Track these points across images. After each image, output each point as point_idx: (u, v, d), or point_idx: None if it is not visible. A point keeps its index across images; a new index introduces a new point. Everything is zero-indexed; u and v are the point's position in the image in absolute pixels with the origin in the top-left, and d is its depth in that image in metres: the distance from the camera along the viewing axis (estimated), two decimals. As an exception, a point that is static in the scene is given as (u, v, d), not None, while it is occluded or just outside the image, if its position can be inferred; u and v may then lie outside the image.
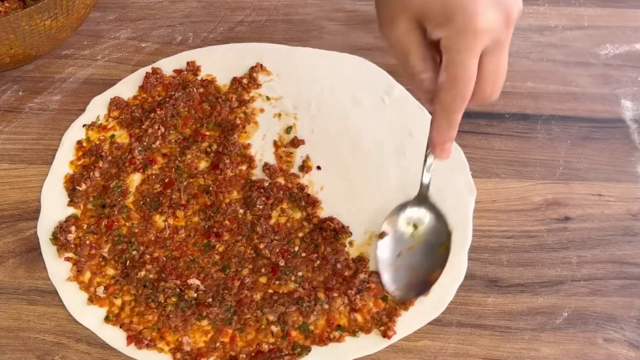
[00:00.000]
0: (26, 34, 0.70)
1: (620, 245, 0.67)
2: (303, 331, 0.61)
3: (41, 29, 0.71)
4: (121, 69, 0.80)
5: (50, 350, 0.61)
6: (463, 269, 0.65)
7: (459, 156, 0.73)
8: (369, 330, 0.62)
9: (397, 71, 0.79)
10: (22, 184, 0.71)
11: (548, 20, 0.87)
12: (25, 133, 0.75)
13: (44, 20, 0.69)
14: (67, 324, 0.62)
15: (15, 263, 0.66)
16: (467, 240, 0.67)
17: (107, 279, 0.64)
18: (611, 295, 0.64)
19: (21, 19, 0.67)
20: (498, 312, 0.63)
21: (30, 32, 0.70)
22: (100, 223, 0.67)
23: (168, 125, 0.74)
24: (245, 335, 0.61)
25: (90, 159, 0.72)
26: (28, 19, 0.68)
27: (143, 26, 0.85)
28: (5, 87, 0.79)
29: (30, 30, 0.70)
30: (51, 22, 0.71)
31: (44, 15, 0.69)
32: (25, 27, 0.68)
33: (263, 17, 0.86)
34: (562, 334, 0.62)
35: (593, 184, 0.72)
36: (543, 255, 0.67)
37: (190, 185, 0.70)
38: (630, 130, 0.76)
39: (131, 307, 0.62)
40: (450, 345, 0.61)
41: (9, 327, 0.62)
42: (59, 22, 0.72)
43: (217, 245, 0.66)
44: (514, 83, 0.79)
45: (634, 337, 0.62)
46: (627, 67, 0.82)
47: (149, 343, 0.60)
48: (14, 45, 0.70)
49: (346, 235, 0.67)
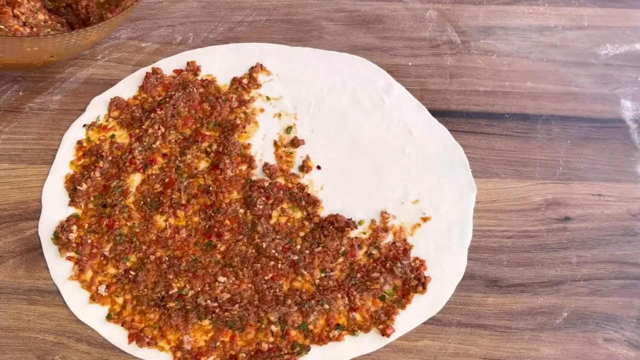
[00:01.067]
0: (69, 47, 0.71)
1: (620, 245, 0.67)
2: (302, 330, 0.61)
3: (82, 43, 0.72)
4: (121, 69, 0.80)
5: (51, 350, 0.61)
6: (462, 266, 0.65)
7: (459, 154, 0.73)
8: (368, 329, 0.62)
9: (396, 71, 0.79)
10: (23, 184, 0.71)
11: (548, 20, 0.87)
12: (25, 133, 0.75)
13: (88, 37, 0.71)
14: (68, 323, 0.62)
15: (15, 263, 0.66)
16: (467, 237, 0.67)
17: (108, 277, 0.64)
18: (611, 295, 0.64)
19: (73, 36, 0.69)
20: (498, 312, 0.63)
21: (74, 45, 0.71)
22: (101, 222, 0.67)
23: (168, 125, 0.74)
24: (245, 335, 0.61)
25: (90, 159, 0.72)
26: (79, 36, 0.69)
27: (143, 26, 0.85)
28: (5, 87, 0.79)
29: (74, 44, 0.71)
30: (94, 36, 0.72)
31: (92, 33, 0.71)
32: (72, 41, 0.70)
33: (263, 17, 0.86)
34: (562, 334, 0.62)
35: (593, 184, 0.72)
36: (543, 255, 0.67)
37: (190, 185, 0.70)
38: (630, 130, 0.76)
39: (132, 305, 0.63)
40: (450, 345, 0.61)
41: (9, 327, 0.62)
42: (100, 35, 0.73)
43: (218, 245, 0.66)
44: (514, 83, 0.79)
45: (634, 337, 0.62)
46: (627, 67, 0.82)
47: (150, 341, 0.60)
48: (55, 54, 0.72)
49: (354, 228, 0.67)
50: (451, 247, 0.67)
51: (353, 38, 0.84)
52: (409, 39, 0.83)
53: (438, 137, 0.74)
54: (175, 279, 0.64)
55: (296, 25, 0.85)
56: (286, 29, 0.85)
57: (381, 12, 0.87)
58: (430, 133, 0.75)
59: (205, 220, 0.68)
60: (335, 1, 0.88)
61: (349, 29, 0.85)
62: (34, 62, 0.72)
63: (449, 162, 0.72)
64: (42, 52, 0.70)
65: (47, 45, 0.69)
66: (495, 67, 0.81)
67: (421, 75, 0.79)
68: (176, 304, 0.62)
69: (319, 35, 0.84)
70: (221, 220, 0.67)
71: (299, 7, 0.87)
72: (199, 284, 0.64)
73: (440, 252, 0.66)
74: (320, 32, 0.84)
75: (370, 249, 0.66)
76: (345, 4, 0.88)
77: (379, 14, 0.87)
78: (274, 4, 0.88)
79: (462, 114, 0.76)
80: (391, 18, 0.86)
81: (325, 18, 0.86)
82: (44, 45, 0.69)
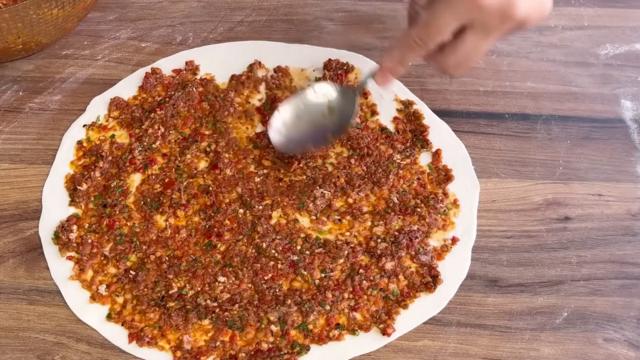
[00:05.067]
0: (34, 23, 0.70)
1: (620, 245, 0.67)
2: (302, 330, 0.61)
3: (48, 18, 0.71)
4: (121, 69, 0.80)
5: (51, 350, 0.61)
6: (466, 267, 0.65)
7: (461, 151, 0.73)
8: (368, 329, 0.62)
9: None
10: (23, 184, 0.71)
11: (548, 20, 0.87)
12: (25, 133, 0.75)
13: (51, 9, 0.70)
14: (67, 323, 0.62)
15: (15, 263, 0.66)
16: (471, 237, 0.67)
17: (108, 277, 0.64)
18: (611, 295, 0.64)
19: (29, 8, 0.68)
20: (498, 312, 0.63)
21: (38, 21, 0.70)
22: (101, 222, 0.67)
23: (168, 125, 0.74)
24: (245, 335, 0.61)
25: (90, 159, 0.72)
26: (36, 7, 0.68)
27: (143, 26, 0.85)
28: (5, 87, 0.79)
29: (37, 19, 0.70)
30: (58, 11, 0.71)
31: (52, 4, 0.70)
32: (33, 15, 0.69)
33: (263, 17, 0.86)
34: (562, 334, 0.62)
35: (593, 184, 0.72)
36: (543, 255, 0.67)
37: (190, 185, 0.70)
38: (630, 130, 0.76)
39: (133, 305, 0.63)
40: (450, 345, 0.61)
41: (9, 327, 0.62)
42: (65, 11, 0.73)
43: (218, 245, 0.66)
44: (514, 83, 0.79)
45: (634, 337, 0.62)
46: (627, 67, 0.82)
47: (150, 341, 0.60)
48: (21, 34, 0.71)
49: None
50: (456, 248, 0.66)
51: (353, 38, 0.84)
52: (409, 39, 0.83)
53: (440, 134, 0.74)
54: (175, 278, 0.64)
55: (296, 25, 0.85)
56: (286, 28, 0.85)
57: (381, 12, 0.87)
58: (433, 131, 0.74)
59: (205, 220, 0.68)
60: (335, 1, 0.88)
61: (349, 29, 0.85)
62: (10, 46, 0.72)
63: (452, 160, 0.72)
64: (5, 31, 0.69)
65: (1, 22, 0.68)
66: (495, 67, 0.81)
67: (421, 75, 0.79)
68: (176, 304, 0.62)
69: (319, 35, 0.84)
70: (221, 220, 0.67)
71: (299, 7, 0.87)
72: (199, 284, 0.64)
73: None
74: (320, 32, 0.84)
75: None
76: (345, 3, 0.88)
77: (378, 14, 0.87)
78: (274, 4, 0.88)
79: (462, 113, 0.76)
80: (391, 18, 0.86)
81: (325, 18, 0.86)
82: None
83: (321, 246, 0.66)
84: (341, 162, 0.71)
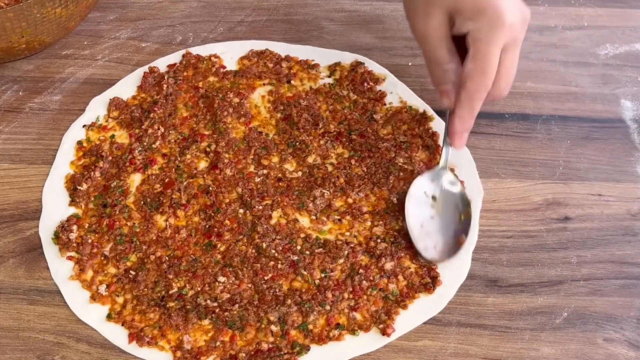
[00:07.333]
0: (37, 22, 0.71)
1: (620, 245, 0.67)
2: (302, 330, 0.61)
3: (52, 17, 0.72)
4: (121, 69, 0.80)
5: (51, 350, 0.61)
6: (466, 268, 0.65)
7: (466, 156, 0.73)
8: (368, 329, 0.62)
9: (396, 71, 0.79)
10: (22, 184, 0.71)
11: (548, 20, 0.87)
12: (25, 133, 0.75)
13: (54, 8, 0.71)
14: (68, 323, 0.62)
15: (15, 263, 0.66)
16: (472, 239, 0.67)
17: (108, 277, 0.64)
18: (611, 295, 0.64)
19: (33, 7, 0.68)
20: (498, 312, 0.63)
21: (42, 20, 0.71)
22: (101, 222, 0.67)
23: (167, 125, 0.74)
24: (245, 335, 0.61)
25: (90, 159, 0.72)
26: (40, 6, 0.69)
27: (143, 26, 0.85)
28: (5, 87, 0.79)
29: (41, 18, 0.70)
30: (61, 9, 0.72)
31: (55, 3, 0.70)
32: (36, 14, 0.69)
33: (263, 17, 0.86)
34: (562, 334, 0.62)
35: (593, 184, 0.72)
36: (543, 255, 0.67)
37: (190, 185, 0.70)
38: (630, 130, 0.76)
39: (133, 305, 0.63)
40: (450, 345, 0.61)
41: (9, 327, 0.62)
42: (69, 10, 0.73)
43: (218, 245, 0.66)
44: (514, 83, 0.78)
45: (634, 337, 0.62)
46: (627, 67, 0.82)
47: (150, 341, 0.60)
48: (25, 33, 0.71)
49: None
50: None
51: (353, 38, 0.84)
52: (408, 39, 0.83)
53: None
54: (175, 278, 0.64)
55: (296, 25, 0.85)
56: (286, 28, 0.85)
57: (381, 12, 0.87)
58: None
59: (205, 220, 0.68)
60: (335, 1, 0.88)
61: (349, 29, 0.85)
62: (14, 45, 0.72)
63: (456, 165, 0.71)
64: (9, 30, 0.69)
65: (5, 21, 0.68)
66: (495, 67, 0.81)
67: (421, 75, 0.79)
68: (176, 304, 0.62)
69: (319, 35, 0.84)
70: (221, 220, 0.67)
71: (299, 7, 0.87)
72: (199, 284, 0.64)
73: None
74: (320, 32, 0.84)
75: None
76: (345, 3, 0.88)
77: (379, 14, 0.87)
78: (274, 4, 0.88)
79: (462, 114, 0.76)
80: (391, 18, 0.86)
81: (325, 18, 0.86)
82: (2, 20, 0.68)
83: (321, 246, 0.66)
84: (341, 162, 0.71)
